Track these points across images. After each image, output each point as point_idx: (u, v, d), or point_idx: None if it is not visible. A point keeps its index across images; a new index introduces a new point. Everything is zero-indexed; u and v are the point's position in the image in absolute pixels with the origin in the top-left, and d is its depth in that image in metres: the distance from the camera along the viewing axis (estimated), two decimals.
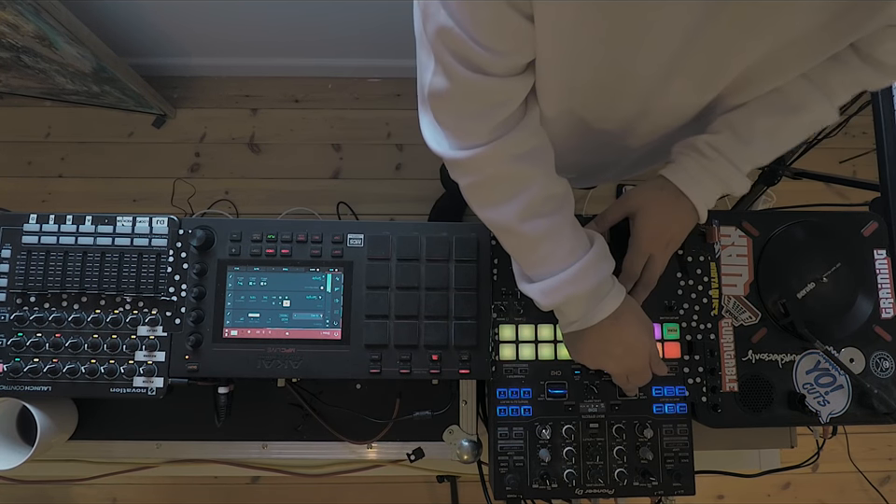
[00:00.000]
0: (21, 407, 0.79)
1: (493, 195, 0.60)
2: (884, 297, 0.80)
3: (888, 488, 1.74)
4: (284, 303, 0.76)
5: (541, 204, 0.60)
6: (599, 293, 0.63)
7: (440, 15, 0.48)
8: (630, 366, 0.69)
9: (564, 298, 0.63)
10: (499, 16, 0.47)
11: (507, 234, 0.64)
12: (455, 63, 0.50)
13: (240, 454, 0.85)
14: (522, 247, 0.64)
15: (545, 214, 0.60)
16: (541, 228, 0.60)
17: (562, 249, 0.62)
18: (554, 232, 0.61)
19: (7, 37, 1.38)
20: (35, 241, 0.75)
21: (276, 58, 1.84)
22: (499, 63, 0.51)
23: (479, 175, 0.59)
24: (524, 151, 0.58)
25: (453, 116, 0.56)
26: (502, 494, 0.74)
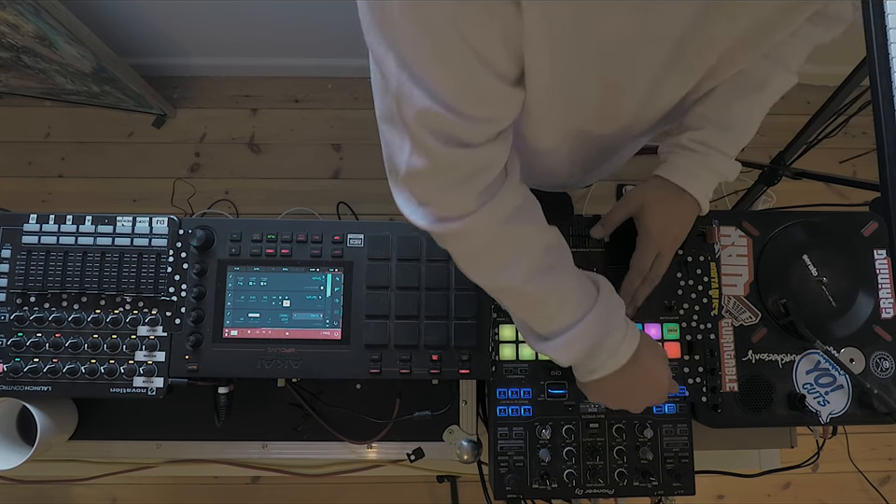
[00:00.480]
0: (21, 407, 0.79)
1: (490, 261, 0.58)
2: (884, 297, 0.80)
3: (888, 488, 1.74)
4: (284, 303, 0.76)
5: (541, 260, 0.58)
6: (616, 337, 0.61)
7: (416, 98, 0.45)
8: (653, 400, 0.68)
9: (585, 350, 0.60)
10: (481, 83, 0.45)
11: (511, 296, 0.61)
12: (435, 140, 0.47)
13: (240, 454, 0.85)
14: (530, 307, 0.61)
15: (546, 268, 0.59)
16: (546, 283, 0.58)
17: (571, 300, 0.60)
18: (560, 285, 0.59)
19: (7, 37, 1.38)
20: (34, 241, 0.75)
21: (276, 58, 1.84)
22: (482, 132, 0.49)
23: (471, 244, 0.56)
24: (512, 210, 0.56)
25: (434, 191, 0.53)
26: (502, 494, 0.74)
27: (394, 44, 0.44)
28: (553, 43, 0.45)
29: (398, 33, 0.43)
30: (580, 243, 0.79)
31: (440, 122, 0.46)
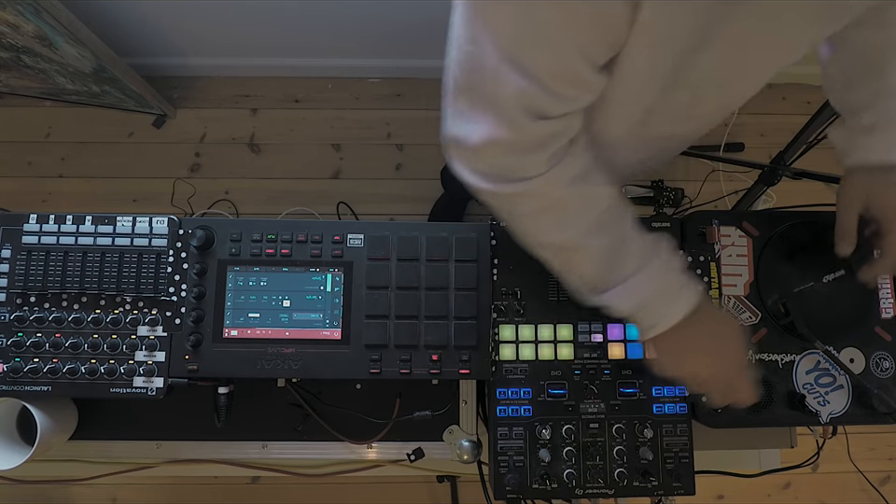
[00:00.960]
0: (21, 407, 0.79)
1: (552, 220, 0.60)
2: (884, 297, 0.80)
3: (888, 488, 1.74)
4: (284, 303, 0.76)
5: (605, 216, 0.61)
6: (674, 289, 0.62)
7: (514, 78, 0.49)
8: (718, 368, 0.65)
9: (642, 300, 0.62)
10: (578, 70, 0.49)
11: (573, 252, 0.63)
12: (522, 115, 0.51)
13: (240, 454, 0.85)
14: (591, 262, 0.63)
15: (610, 224, 0.61)
16: (609, 238, 0.61)
17: (632, 254, 0.61)
18: (622, 240, 0.62)
19: (7, 37, 1.38)
20: (34, 241, 0.75)
21: (276, 58, 1.84)
22: (567, 108, 0.53)
23: (536, 204, 0.59)
24: (577, 172, 0.58)
25: (509, 157, 0.56)
26: (502, 494, 0.74)
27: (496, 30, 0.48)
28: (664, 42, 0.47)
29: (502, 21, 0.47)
30: None
31: (532, 100, 0.50)
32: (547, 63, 0.48)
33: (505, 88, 0.50)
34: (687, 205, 1.83)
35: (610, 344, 0.77)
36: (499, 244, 0.79)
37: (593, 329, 0.77)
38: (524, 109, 0.51)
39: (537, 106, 0.51)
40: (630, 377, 0.77)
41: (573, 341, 0.77)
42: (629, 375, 0.77)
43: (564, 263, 0.66)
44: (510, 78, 0.49)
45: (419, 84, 1.88)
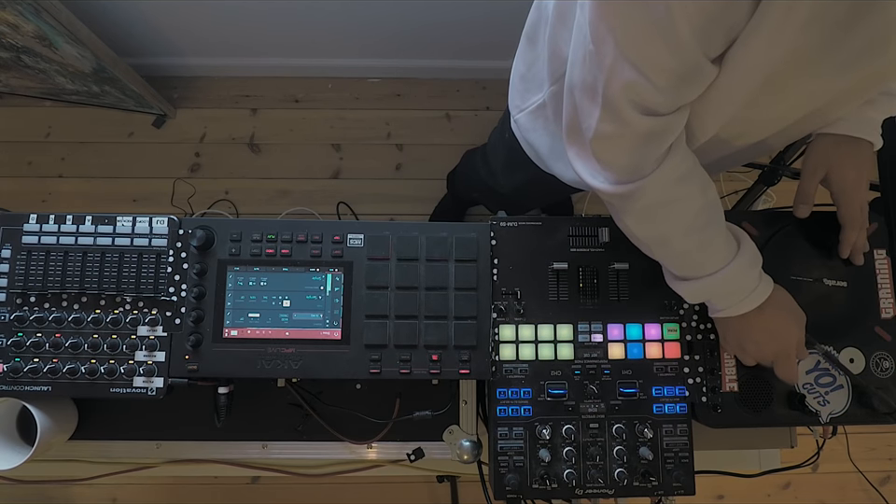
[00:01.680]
0: (21, 407, 0.79)
1: (656, 217, 0.64)
2: (884, 297, 0.80)
3: (888, 488, 1.74)
4: (284, 303, 0.76)
5: (698, 217, 0.64)
6: (746, 289, 0.68)
7: (625, 70, 0.51)
8: (773, 351, 0.71)
9: (713, 295, 0.69)
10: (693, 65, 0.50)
11: (663, 246, 0.68)
12: (631, 110, 0.54)
13: (240, 454, 0.85)
14: (677, 256, 0.69)
15: (702, 225, 0.65)
16: (698, 238, 0.65)
17: (715, 255, 0.66)
18: (709, 240, 0.66)
19: (7, 37, 1.38)
20: (34, 241, 0.75)
21: (276, 58, 1.84)
22: (674, 103, 0.55)
23: (643, 202, 0.62)
24: (683, 172, 0.62)
25: (618, 155, 0.60)
26: (502, 494, 0.74)
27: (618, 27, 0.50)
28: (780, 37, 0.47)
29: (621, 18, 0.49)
30: (581, 243, 0.79)
31: (641, 94, 0.53)
32: (658, 56, 0.50)
33: (616, 81, 0.52)
34: None
35: (610, 344, 0.77)
36: (499, 244, 0.79)
37: (593, 329, 0.77)
38: (631, 102, 0.53)
39: (644, 100, 0.53)
40: (630, 377, 0.77)
41: (573, 341, 0.77)
42: (629, 375, 0.77)
43: (658, 253, 0.70)
44: (622, 72, 0.51)
45: (419, 84, 1.88)
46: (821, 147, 0.75)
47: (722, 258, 0.66)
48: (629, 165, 0.60)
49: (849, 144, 0.73)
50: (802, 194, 0.77)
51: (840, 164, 0.74)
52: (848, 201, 0.75)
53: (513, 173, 1.00)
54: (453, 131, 1.86)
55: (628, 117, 0.54)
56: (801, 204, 0.77)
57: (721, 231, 0.67)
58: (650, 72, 0.51)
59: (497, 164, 1.06)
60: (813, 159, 0.76)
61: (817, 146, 0.76)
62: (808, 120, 0.67)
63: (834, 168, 0.74)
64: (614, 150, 0.59)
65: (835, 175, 0.75)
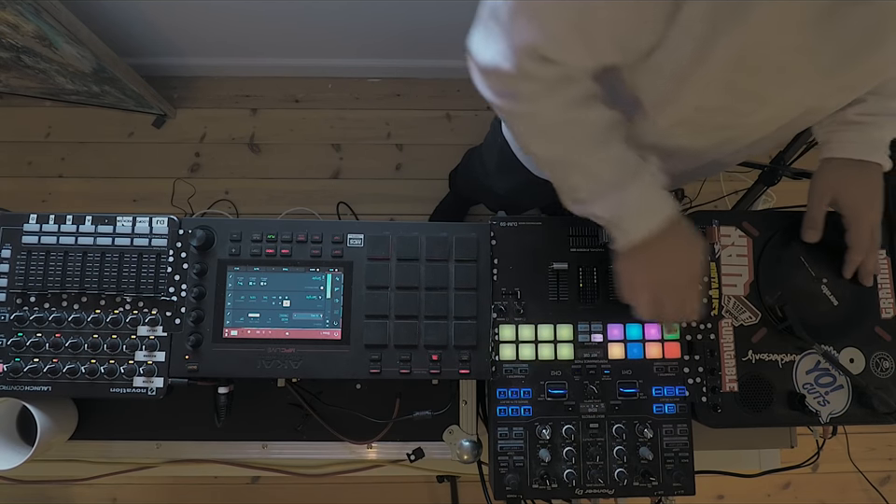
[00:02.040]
0: (21, 407, 0.79)
1: (547, 139, 0.64)
2: (884, 297, 0.80)
3: (888, 488, 1.74)
4: (284, 303, 0.76)
5: (599, 136, 0.63)
6: (656, 203, 0.66)
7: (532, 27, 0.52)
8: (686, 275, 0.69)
9: (622, 212, 0.65)
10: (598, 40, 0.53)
11: (562, 165, 0.66)
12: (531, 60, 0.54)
13: (240, 454, 0.85)
14: (577, 174, 0.66)
15: (600, 142, 0.63)
16: (600, 156, 0.64)
17: (619, 167, 0.64)
18: (612, 157, 0.64)
19: (7, 37, 1.38)
20: (34, 241, 0.75)
21: (276, 58, 1.84)
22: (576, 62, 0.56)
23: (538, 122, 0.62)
24: (578, 98, 0.60)
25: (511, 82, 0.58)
26: (502, 494, 0.74)
27: None
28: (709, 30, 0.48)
29: None
30: (581, 243, 0.79)
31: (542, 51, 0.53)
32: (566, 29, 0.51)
33: (522, 33, 0.52)
34: (687, 205, 1.83)
35: (610, 344, 0.77)
36: (499, 244, 0.79)
37: (593, 329, 0.77)
38: (529, 55, 0.53)
39: (543, 53, 0.53)
40: (630, 377, 0.77)
41: (573, 341, 0.77)
42: (629, 375, 0.77)
43: (557, 174, 0.68)
44: (527, 26, 0.51)
45: (419, 84, 1.88)
46: (829, 171, 0.74)
47: (628, 172, 0.64)
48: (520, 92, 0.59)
49: (857, 166, 0.72)
50: (810, 220, 0.76)
51: (848, 187, 0.73)
52: (858, 224, 0.74)
53: (507, 175, 1.00)
54: (453, 131, 1.86)
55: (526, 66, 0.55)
56: (810, 230, 0.76)
57: (623, 148, 0.65)
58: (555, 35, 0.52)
59: (492, 166, 1.06)
60: (820, 183, 0.74)
61: (824, 170, 0.74)
62: (802, 119, 0.66)
63: (843, 192, 0.73)
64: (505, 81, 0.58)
65: (845, 198, 0.73)
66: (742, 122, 0.64)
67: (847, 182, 0.73)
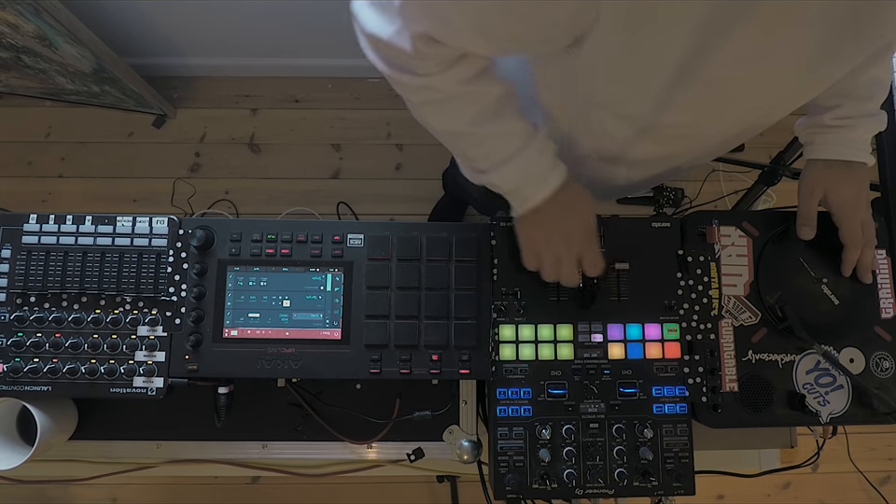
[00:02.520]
0: (21, 407, 0.79)
1: (442, 112, 0.64)
2: (884, 297, 0.80)
3: (888, 488, 1.74)
4: (284, 303, 0.76)
5: (488, 109, 0.64)
6: (548, 166, 0.68)
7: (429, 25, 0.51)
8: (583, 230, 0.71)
9: (521, 176, 0.67)
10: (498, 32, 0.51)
11: (456, 137, 0.67)
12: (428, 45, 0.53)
13: (240, 454, 0.85)
14: (471, 145, 0.68)
15: (492, 114, 0.64)
16: (490, 127, 0.64)
17: (512, 136, 0.66)
18: (502, 127, 0.65)
19: (7, 37, 1.38)
20: (34, 241, 0.75)
21: (276, 58, 1.84)
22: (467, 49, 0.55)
23: (431, 95, 0.61)
24: (473, 73, 0.60)
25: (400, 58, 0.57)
26: (502, 494, 0.74)
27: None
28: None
29: None
30: None
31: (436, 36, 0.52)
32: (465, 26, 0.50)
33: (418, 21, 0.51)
34: (687, 205, 1.83)
35: (610, 344, 0.77)
36: (499, 244, 0.79)
37: (593, 329, 0.77)
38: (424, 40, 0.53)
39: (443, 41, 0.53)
40: (630, 377, 0.76)
41: (573, 341, 0.77)
42: (629, 375, 0.77)
43: (452, 145, 0.69)
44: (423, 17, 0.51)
45: None
46: (814, 172, 0.76)
47: (521, 139, 0.66)
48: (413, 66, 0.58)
49: (841, 166, 0.74)
50: (803, 216, 0.77)
51: (835, 186, 0.75)
52: (848, 221, 0.75)
53: None
54: None
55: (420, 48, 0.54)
56: (804, 227, 0.77)
57: (517, 117, 0.66)
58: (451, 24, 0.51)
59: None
60: (807, 182, 0.76)
61: (809, 170, 0.77)
62: (770, 115, 0.66)
63: (830, 189, 0.75)
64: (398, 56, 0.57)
65: (832, 196, 0.75)
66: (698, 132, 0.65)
67: (833, 181, 0.75)
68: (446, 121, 0.65)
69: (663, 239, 0.80)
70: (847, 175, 0.74)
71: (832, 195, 0.75)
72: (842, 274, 0.79)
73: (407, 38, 0.53)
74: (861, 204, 0.75)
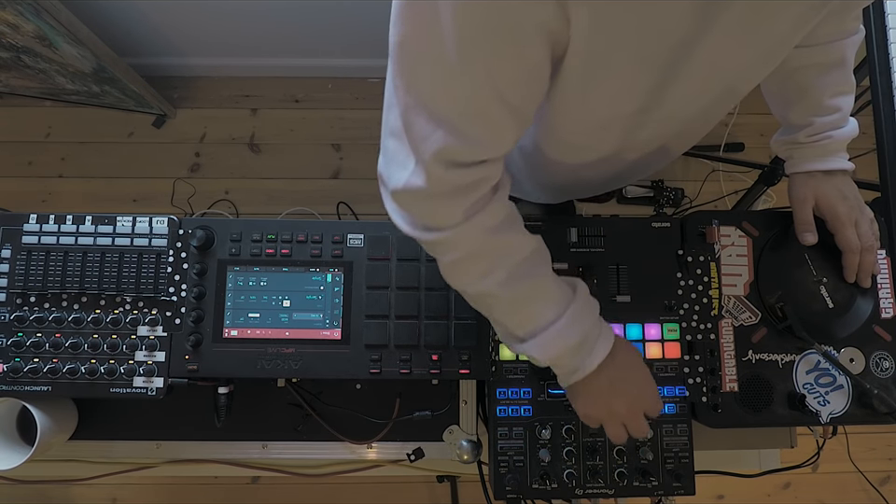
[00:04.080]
0: (21, 407, 0.79)
1: (472, 269, 0.59)
2: (884, 297, 0.80)
3: (888, 488, 1.74)
4: (284, 303, 0.76)
5: (520, 266, 0.59)
6: (593, 336, 0.62)
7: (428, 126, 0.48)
8: (640, 397, 0.65)
9: (561, 349, 0.61)
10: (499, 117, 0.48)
11: (490, 300, 0.62)
12: (442, 167, 0.50)
13: (240, 454, 0.85)
14: (508, 310, 0.62)
15: (527, 274, 0.60)
16: (526, 288, 0.60)
17: (549, 303, 0.61)
18: (539, 289, 0.61)
19: (7, 37, 1.39)
20: (34, 241, 0.75)
21: (276, 58, 1.84)
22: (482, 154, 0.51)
23: (456, 252, 0.57)
24: (498, 222, 0.57)
25: (425, 204, 0.54)
26: (502, 494, 0.74)
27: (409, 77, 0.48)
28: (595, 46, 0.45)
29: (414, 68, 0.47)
30: (581, 243, 0.79)
31: (453, 154, 0.49)
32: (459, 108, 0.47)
33: (428, 146, 0.49)
34: (687, 205, 1.83)
35: None
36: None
37: None
38: (445, 164, 0.49)
39: (451, 155, 0.49)
40: None
41: None
42: None
43: (485, 310, 0.64)
44: (424, 126, 0.48)
45: None
46: (800, 183, 0.77)
47: (560, 302, 0.61)
48: (438, 214, 0.55)
49: (824, 175, 0.76)
50: (802, 224, 0.78)
51: (822, 195, 0.76)
52: (841, 226, 0.76)
53: None
54: None
55: (437, 172, 0.50)
56: (805, 233, 0.78)
57: (552, 277, 0.62)
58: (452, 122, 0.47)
59: None
60: (796, 191, 0.78)
61: (795, 182, 0.78)
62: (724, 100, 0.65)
63: (819, 196, 0.76)
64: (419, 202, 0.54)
65: (822, 203, 0.76)
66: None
67: (819, 188, 0.76)
68: (476, 282, 0.59)
69: (663, 239, 0.80)
70: (831, 182, 0.76)
71: (821, 202, 0.76)
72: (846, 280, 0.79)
73: (421, 172, 0.50)
74: (852, 209, 0.76)
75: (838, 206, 0.75)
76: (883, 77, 0.96)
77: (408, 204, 0.55)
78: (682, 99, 0.55)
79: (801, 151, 0.76)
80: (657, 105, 0.54)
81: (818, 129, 0.74)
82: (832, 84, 0.72)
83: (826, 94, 0.73)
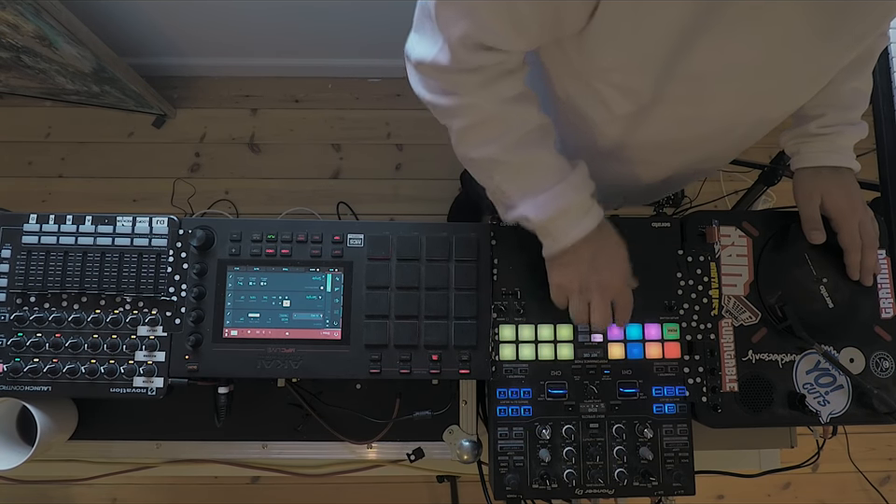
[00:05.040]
0: (21, 407, 0.79)
1: (484, 133, 0.64)
2: (884, 297, 0.80)
3: (888, 488, 1.74)
4: (284, 303, 0.76)
5: (531, 135, 0.65)
6: (586, 205, 0.68)
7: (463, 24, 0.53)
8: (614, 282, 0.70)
9: (555, 210, 0.66)
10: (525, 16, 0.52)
11: (496, 164, 0.67)
12: (466, 50, 0.55)
13: (240, 454, 0.85)
14: (510, 175, 0.67)
15: (534, 143, 0.65)
16: (531, 156, 0.66)
17: (551, 170, 0.66)
18: (543, 158, 0.66)
19: (7, 37, 1.39)
20: (34, 241, 0.75)
21: (276, 58, 1.84)
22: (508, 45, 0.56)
23: (470, 118, 0.63)
24: (514, 94, 0.62)
25: (447, 77, 0.60)
26: (502, 494, 0.74)
27: None
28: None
29: None
30: None
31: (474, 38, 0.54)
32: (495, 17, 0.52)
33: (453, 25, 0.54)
34: (687, 205, 1.83)
35: (610, 344, 0.77)
36: (499, 244, 0.79)
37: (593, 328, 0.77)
38: (462, 42, 0.55)
39: (478, 41, 0.55)
40: (630, 377, 0.77)
41: (573, 341, 0.77)
42: (629, 375, 0.77)
43: (486, 176, 0.69)
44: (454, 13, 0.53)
45: None
46: (806, 180, 0.77)
47: (559, 171, 0.66)
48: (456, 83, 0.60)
49: (830, 171, 0.76)
50: (809, 221, 0.78)
51: (828, 192, 0.76)
52: (845, 225, 0.76)
53: None
54: None
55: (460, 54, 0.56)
56: (813, 231, 0.77)
57: (552, 151, 0.67)
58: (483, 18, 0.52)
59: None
60: (802, 189, 0.78)
61: (801, 179, 0.78)
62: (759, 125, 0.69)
63: (825, 193, 0.76)
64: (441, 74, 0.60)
65: (827, 201, 0.76)
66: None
67: (825, 187, 0.76)
68: (485, 147, 0.65)
69: (663, 239, 0.80)
70: (837, 180, 0.76)
71: (827, 200, 0.76)
72: (848, 277, 0.79)
73: (447, 52, 0.56)
74: (857, 207, 0.76)
75: (844, 204, 0.75)
76: (882, 77, 0.96)
77: (432, 75, 0.61)
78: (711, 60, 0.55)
79: (810, 145, 0.76)
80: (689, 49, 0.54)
81: (830, 120, 0.74)
82: (851, 79, 0.72)
83: (844, 87, 0.72)
